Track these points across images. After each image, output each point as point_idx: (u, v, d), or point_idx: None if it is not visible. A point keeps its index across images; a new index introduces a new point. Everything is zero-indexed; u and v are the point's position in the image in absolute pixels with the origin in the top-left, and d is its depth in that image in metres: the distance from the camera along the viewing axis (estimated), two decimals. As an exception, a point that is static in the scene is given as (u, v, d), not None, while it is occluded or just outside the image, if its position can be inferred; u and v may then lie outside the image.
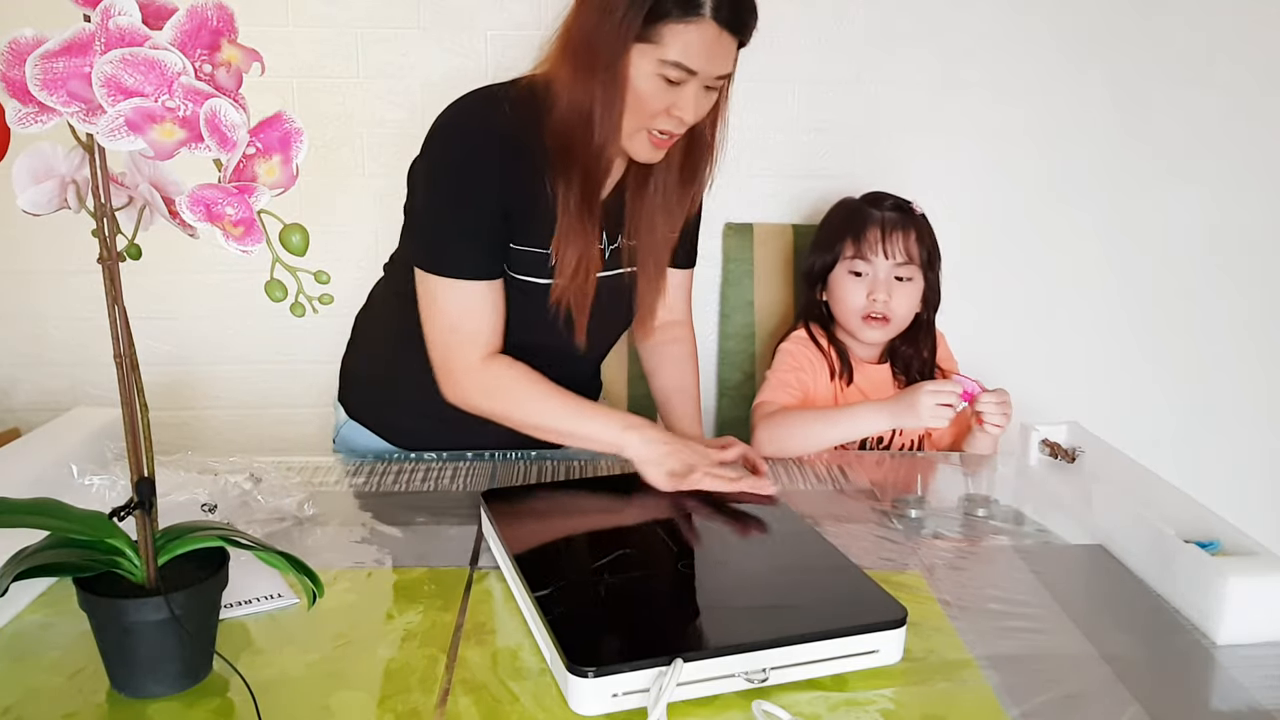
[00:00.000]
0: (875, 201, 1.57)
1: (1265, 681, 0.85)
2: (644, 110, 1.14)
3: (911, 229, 1.53)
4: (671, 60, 1.10)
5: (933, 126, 1.95)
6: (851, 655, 0.83)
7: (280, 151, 0.67)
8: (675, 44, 1.09)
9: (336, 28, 1.84)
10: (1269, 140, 2.00)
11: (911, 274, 1.53)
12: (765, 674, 0.80)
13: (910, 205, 1.56)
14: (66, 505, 0.80)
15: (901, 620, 0.85)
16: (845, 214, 1.59)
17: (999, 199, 2.00)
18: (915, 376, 1.56)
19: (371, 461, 1.32)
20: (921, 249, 1.53)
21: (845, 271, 1.54)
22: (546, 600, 0.87)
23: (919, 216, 1.56)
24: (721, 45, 1.11)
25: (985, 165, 1.98)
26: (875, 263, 1.52)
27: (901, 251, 1.51)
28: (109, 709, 0.79)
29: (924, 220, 1.56)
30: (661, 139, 1.17)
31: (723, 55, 1.12)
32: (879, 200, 1.57)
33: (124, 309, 0.72)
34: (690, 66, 1.10)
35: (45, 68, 0.62)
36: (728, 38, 1.11)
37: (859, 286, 1.53)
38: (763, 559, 1.00)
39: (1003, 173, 1.99)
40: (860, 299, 1.52)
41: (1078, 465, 1.26)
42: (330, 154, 1.88)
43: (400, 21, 1.84)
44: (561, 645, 0.80)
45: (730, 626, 0.84)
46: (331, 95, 1.86)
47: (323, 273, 0.68)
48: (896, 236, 1.52)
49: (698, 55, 1.10)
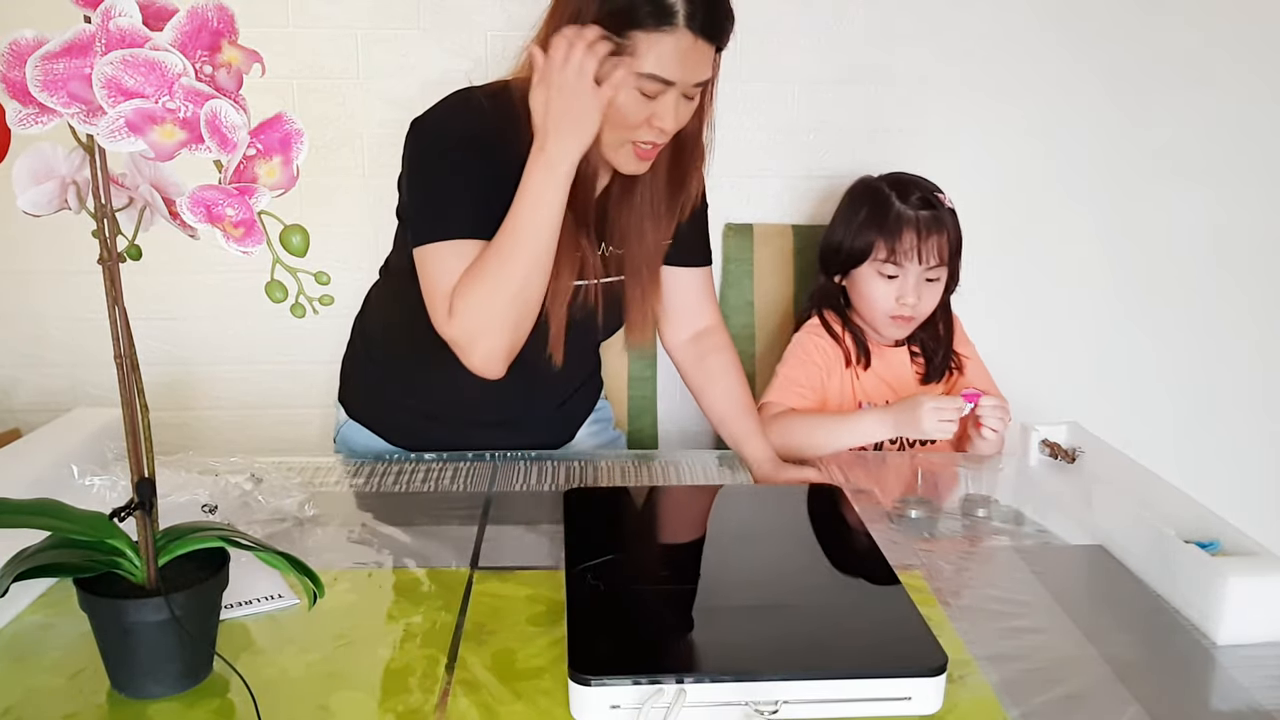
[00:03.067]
0: (904, 193, 1.50)
1: (1265, 682, 0.85)
2: (624, 123, 1.12)
3: (944, 229, 1.49)
4: (646, 73, 1.08)
5: (933, 126, 1.95)
6: (878, 699, 0.77)
7: (281, 152, 0.67)
8: (649, 55, 1.07)
9: (336, 28, 1.84)
10: (1270, 140, 2.00)
11: (940, 274, 1.51)
12: (776, 707, 0.76)
13: (938, 199, 1.51)
14: (67, 506, 0.80)
15: (941, 668, 0.78)
16: (875, 206, 1.52)
17: (999, 199, 2.00)
18: (932, 359, 1.55)
19: (372, 462, 1.32)
20: (949, 246, 1.49)
21: (874, 272, 1.50)
22: (574, 603, 0.87)
23: (949, 210, 1.51)
24: (697, 52, 1.08)
25: (986, 165, 1.98)
26: (908, 268, 1.48)
27: (935, 255, 1.48)
28: (109, 709, 0.79)
29: (951, 214, 1.51)
30: (646, 149, 1.16)
31: (699, 62, 1.10)
32: (906, 192, 1.50)
33: (124, 309, 0.72)
34: (666, 77, 1.08)
35: (46, 69, 0.62)
36: (703, 44, 1.09)
37: (888, 289, 1.49)
38: (804, 580, 0.95)
39: (1003, 173, 1.98)
40: (889, 301, 1.49)
41: (1078, 465, 1.26)
42: (330, 154, 1.88)
43: (400, 22, 1.84)
44: (570, 649, 0.80)
45: (744, 651, 0.80)
46: (331, 96, 1.86)
47: (323, 273, 0.68)
48: (931, 240, 1.47)
49: (673, 65, 1.07)
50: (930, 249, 1.47)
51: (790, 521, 1.09)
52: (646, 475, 1.32)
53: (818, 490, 1.18)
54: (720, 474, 1.34)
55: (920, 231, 1.47)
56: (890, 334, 1.54)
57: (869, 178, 1.58)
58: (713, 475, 1.33)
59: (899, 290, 1.49)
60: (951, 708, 0.80)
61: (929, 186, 1.53)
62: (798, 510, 1.12)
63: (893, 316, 1.50)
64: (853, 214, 1.55)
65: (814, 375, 1.53)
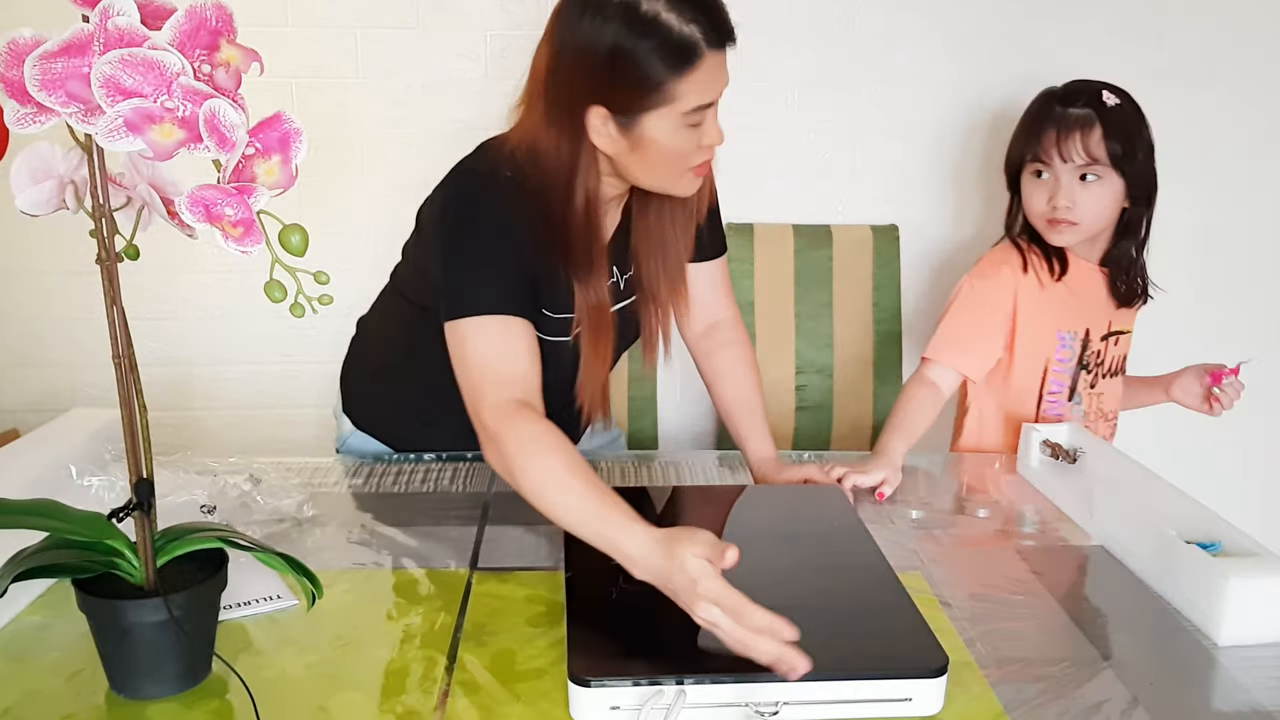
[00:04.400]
0: (1068, 96, 1.44)
1: (1266, 682, 0.85)
2: (681, 161, 1.10)
3: (1095, 126, 1.40)
4: (691, 109, 1.06)
5: (934, 126, 1.95)
6: (879, 700, 0.77)
7: (279, 152, 0.67)
8: (690, 93, 1.05)
9: (335, 28, 1.83)
10: (1271, 140, 2.00)
11: (1100, 173, 1.40)
12: (776, 708, 0.76)
13: (1102, 98, 1.42)
14: (65, 506, 0.79)
15: (942, 669, 0.78)
16: (1034, 108, 1.48)
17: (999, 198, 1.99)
18: (1117, 279, 1.48)
19: (371, 463, 1.32)
20: (1111, 145, 1.39)
21: (1029, 174, 1.46)
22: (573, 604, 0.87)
23: (1111, 109, 1.41)
24: (720, 63, 1.08)
25: (986, 165, 1.97)
26: (1054, 166, 1.41)
27: (1081, 153, 1.39)
28: (108, 710, 0.78)
29: (1116, 111, 1.41)
30: (700, 167, 1.14)
31: (723, 70, 1.09)
32: (1072, 95, 1.44)
33: (123, 309, 0.72)
34: (708, 102, 1.07)
35: (44, 68, 0.62)
36: (723, 53, 1.08)
37: (1041, 190, 1.44)
38: (804, 580, 0.94)
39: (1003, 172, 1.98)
40: (1042, 203, 1.43)
41: (1078, 465, 1.26)
42: (330, 154, 1.88)
43: (400, 21, 1.84)
44: (569, 651, 0.79)
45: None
46: (331, 95, 1.86)
47: (322, 273, 0.68)
48: (1074, 137, 1.40)
49: (710, 88, 1.07)
50: (1074, 145, 1.40)
51: (790, 522, 1.09)
52: (646, 475, 1.32)
53: (818, 490, 1.18)
54: (720, 474, 1.33)
55: (1062, 128, 1.41)
56: (1054, 240, 1.45)
57: (1051, 87, 1.49)
58: (713, 476, 1.33)
59: (1050, 190, 1.42)
60: (952, 708, 0.80)
61: (1095, 87, 1.44)
62: (798, 510, 1.12)
63: (1049, 221, 1.43)
64: (1022, 119, 1.50)
65: (980, 321, 1.47)
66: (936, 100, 1.94)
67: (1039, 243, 1.48)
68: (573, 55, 1.06)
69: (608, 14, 1.02)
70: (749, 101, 1.88)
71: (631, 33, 1.01)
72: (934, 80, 1.93)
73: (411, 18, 1.84)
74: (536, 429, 1.01)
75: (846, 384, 1.92)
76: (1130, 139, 1.41)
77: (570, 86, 1.07)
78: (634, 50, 1.02)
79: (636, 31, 1.01)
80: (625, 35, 1.02)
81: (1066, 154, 1.40)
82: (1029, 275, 1.46)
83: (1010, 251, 1.49)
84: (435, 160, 1.18)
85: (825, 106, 1.93)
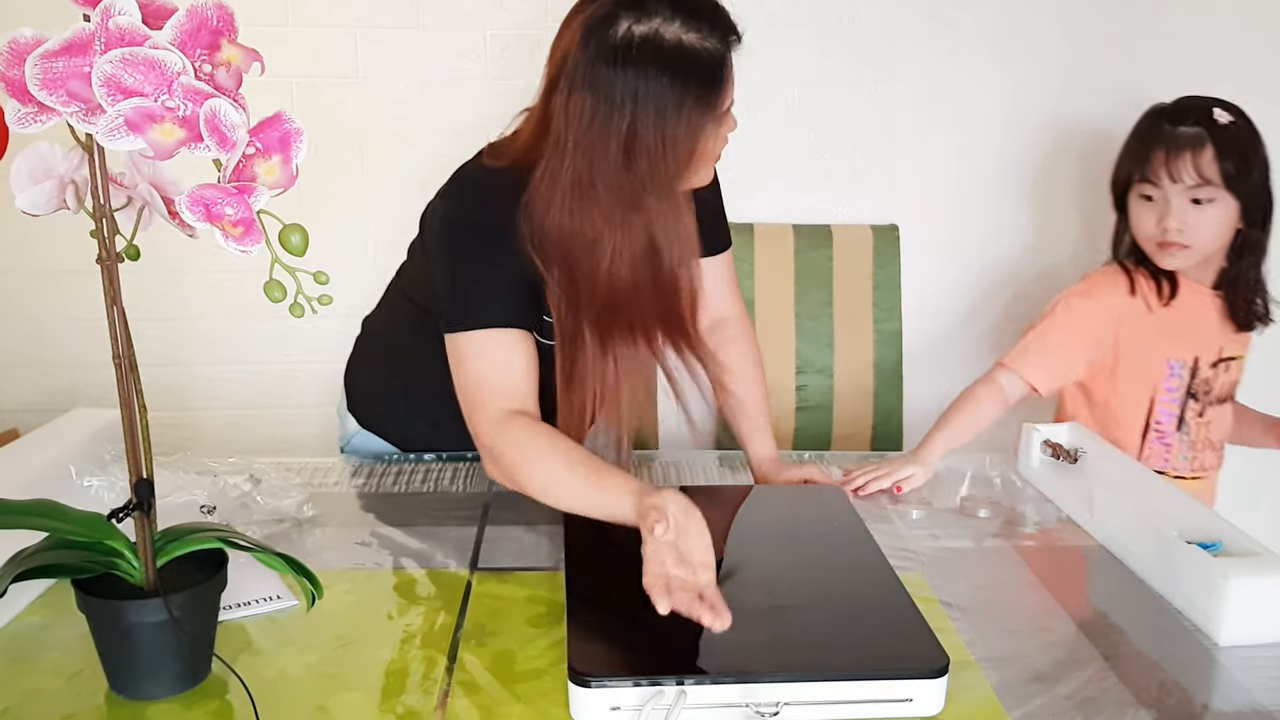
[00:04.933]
0: (1178, 114, 1.39)
1: (1267, 683, 0.85)
2: (713, 158, 1.13)
3: (1207, 146, 1.35)
4: (724, 111, 1.08)
5: (934, 126, 1.95)
6: (880, 700, 0.77)
7: (280, 151, 0.67)
8: (724, 100, 1.07)
9: (335, 28, 1.83)
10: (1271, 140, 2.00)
11: (1212, 195, 1.35)
12: (777, 708, 0.76)
13: (1213, 115, 1.37)
14: (65, 507, 0.79)
15: (942, 669, 0.78)
16: (1142, 126, 1.44)
17: (1002, 198, 1.99)
18: (1235, 302, 1.42)
19: (371, 463, 1.32)
20: (1224, 165, 1.34)
21: (1136, 195, 1.41)
22: (573, 604, 0.87)
23: (1224, 127, 1.37)
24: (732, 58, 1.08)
25: (986, 165, 1.98)
26: (1164, 187, 1.37)
27: (1192, 174, 1.35)
28: (107, 711, 0.78)
29: (1230, 130, 1.37)
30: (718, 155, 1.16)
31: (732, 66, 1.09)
32: (1182, 113, 1.39)
33: (123, 310, 0.72)
34: (733, 99, 1.09)
35: (45, 67, 0.62)
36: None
37: (1149, 212, 1.39)
38: (805, 580, 0.94)
39: (1004, 173, 1.98)
40: (1150, 225, 1.39)
41: (1079, 466, 1.26)
42: (330, 154, 1.88)
43: (400, 21, 1.84)
44: (569, 651, 0.79)
45: (744, 652, 0.80)
46: (331, 95, 1.86)
47: (322, 273, 0.68)
48: (1185, 157, 1.35)
49: (732, 85, 1.08)
50: (1184, 165, 1.35)
51: (791, 522, 1.09)
52: (646, 476, 1.32)
53: (818, 490, 1.18)
54: (720, 474, 1.33)
55: (1171, 148, 1.36)
56: (1165, 264, 1.40)
57: (1160, 104, 1.45)
58: (713, 476, 1.33)
59: (1159, 212, 1.38)
60: (952, 708, 0.80)
61: (1206, 104, 1.39)
62: (798, 510, 1.12)
63: (1159, 244, 1.39)
64: (1130, 137, 1.46)
65: (1069, 341, 1.42)
66: (937, 100, 1.94)
67: (1147, 265, 1.42)
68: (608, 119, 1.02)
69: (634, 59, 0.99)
70: (749, 101, 1.87)
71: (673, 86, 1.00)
72: (934, 80, 1.93)
73: (411, 18, 1.84)
74: (530, 433, 1.05)
75: (847, 384, 1.92)
76: (1245, 158, 1.36)
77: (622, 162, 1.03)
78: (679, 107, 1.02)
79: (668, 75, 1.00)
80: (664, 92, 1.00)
81: (1176, 174, 1.35)
82: (1136, 299, 1.41)
83: (1116, 274, 1.44)
84: (435, 160, 1.18)
85: (825, 106, 1.93)
